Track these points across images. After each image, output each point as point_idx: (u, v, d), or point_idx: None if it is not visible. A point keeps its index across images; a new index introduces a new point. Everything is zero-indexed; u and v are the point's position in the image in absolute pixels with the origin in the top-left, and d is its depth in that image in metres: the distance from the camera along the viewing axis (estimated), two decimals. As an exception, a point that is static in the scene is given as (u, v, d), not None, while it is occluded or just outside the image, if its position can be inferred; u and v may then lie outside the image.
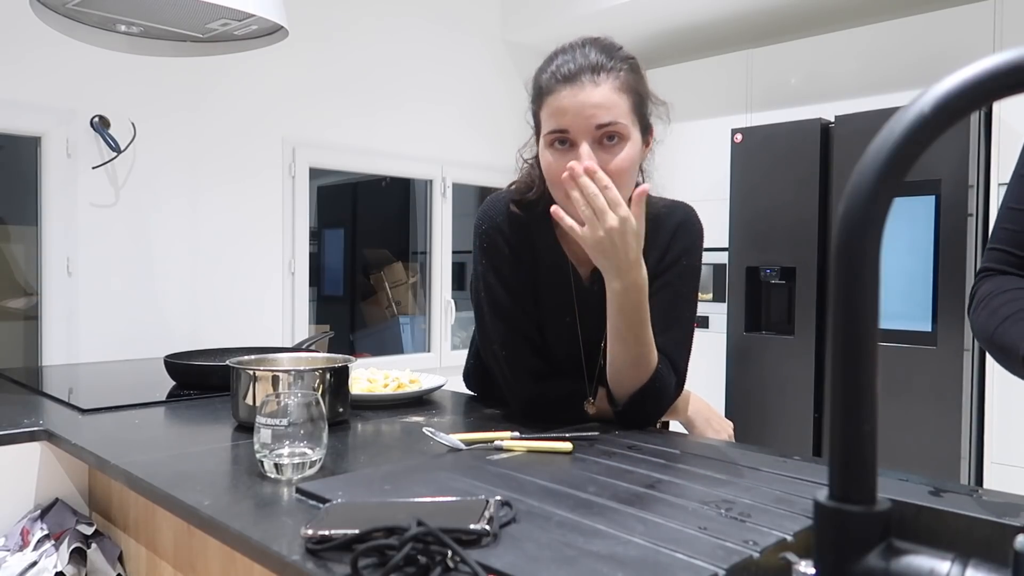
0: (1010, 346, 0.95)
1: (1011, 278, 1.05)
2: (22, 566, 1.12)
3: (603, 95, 1.10)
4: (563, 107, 1.11)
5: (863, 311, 0.38)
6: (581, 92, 1.10)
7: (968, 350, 2.65)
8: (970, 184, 2.64)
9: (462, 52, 3.67)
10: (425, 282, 3.75)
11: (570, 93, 1.11)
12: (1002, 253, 1.07)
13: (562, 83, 1.12)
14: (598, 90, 1.10)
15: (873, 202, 0.37)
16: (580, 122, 1.10)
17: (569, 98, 1.11)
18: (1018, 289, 1.02)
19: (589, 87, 1.10)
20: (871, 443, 0.39)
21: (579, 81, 1.11)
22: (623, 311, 1.13)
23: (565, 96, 1.11)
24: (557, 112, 1.12)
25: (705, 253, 1.32)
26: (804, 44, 3.31)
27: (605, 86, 1.11)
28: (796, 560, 0.58)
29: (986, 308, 1.03)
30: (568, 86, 1.11)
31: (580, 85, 1.10)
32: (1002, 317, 0.99)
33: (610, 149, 1.11)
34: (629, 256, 1.09)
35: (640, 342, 1.15)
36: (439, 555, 0.63)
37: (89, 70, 2.56)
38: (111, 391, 1.71)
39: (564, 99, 1.11)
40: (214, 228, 2.89)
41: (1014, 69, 0.36)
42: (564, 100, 1.11)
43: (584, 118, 1.10)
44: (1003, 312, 0.99)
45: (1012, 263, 1.06)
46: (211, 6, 1.55)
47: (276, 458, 0.91)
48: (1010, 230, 1.06)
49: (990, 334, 1.00)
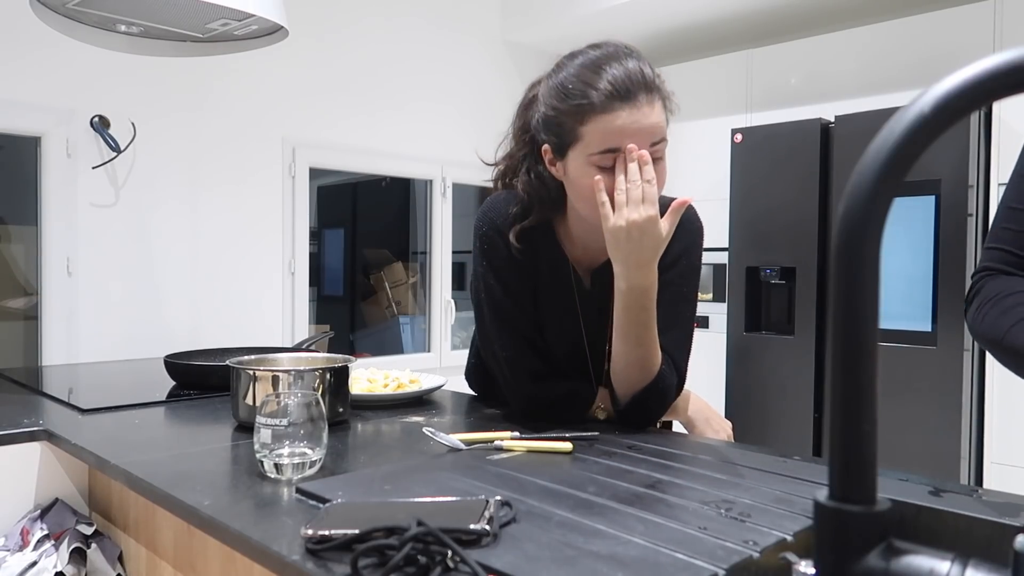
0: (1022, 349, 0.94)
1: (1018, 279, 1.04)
2: (22, 566, 1.12)
3: (659, 115, 1.10)
4: (622, 127, 1.07)
5: (863, 311, 0.38)
6: (638, 112, 1.08)
7: (968, 350, 2.65)
8: (970, 184, 2.64)
9: (462, 52, 3.67)
10: (425, 282, 3.75)
11: (629, 113, 1.07)
12: (1003, 253, 1.06)
13: (619, 100, 1.07)
14: (654, 111, 1.09)
15: (873, 202, 0.37)
16: (640, 140, 1.08)
17: (627, 118, 1.07)
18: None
19: (647, 108, 1.08)
20: (871, 443, 0.39)
21: (637, 100, 1.08)
22: (628, 310, 1.13)
23: (624, 116, 1.07)
24: (615, 132, 1.08)
25: (705, 253, 1.32)
26: (804, 44, 3.31)
27: (658, 103, 1.10)
28: (796, 560, 0.58)
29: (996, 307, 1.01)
30: (627, 105, 1.07)
31: (638, 105, 1.08)
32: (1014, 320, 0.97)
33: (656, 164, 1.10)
34: (642, 256, 1.09)
35: (643, 343, 1.15)
36: (439, 555, 0.63)
37: (89, 70, 2.56)
38: (111, 391, 1.71)
39: (623, 119, 1.07)
40: (214, 228, 2.89)
41: (1014, 69, 0.36)
42: (623, 120, 1.07)
43: (644, 137, 1.08)
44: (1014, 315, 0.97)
45: (1014, 263, 1.05)
46: (211, 6, 1.55)
47: (276, 458, 0.91)
48: (1012, 230, 1.05)
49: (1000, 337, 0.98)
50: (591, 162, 1.10)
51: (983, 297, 1.05)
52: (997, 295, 1.02)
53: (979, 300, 1.05)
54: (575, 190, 1.16)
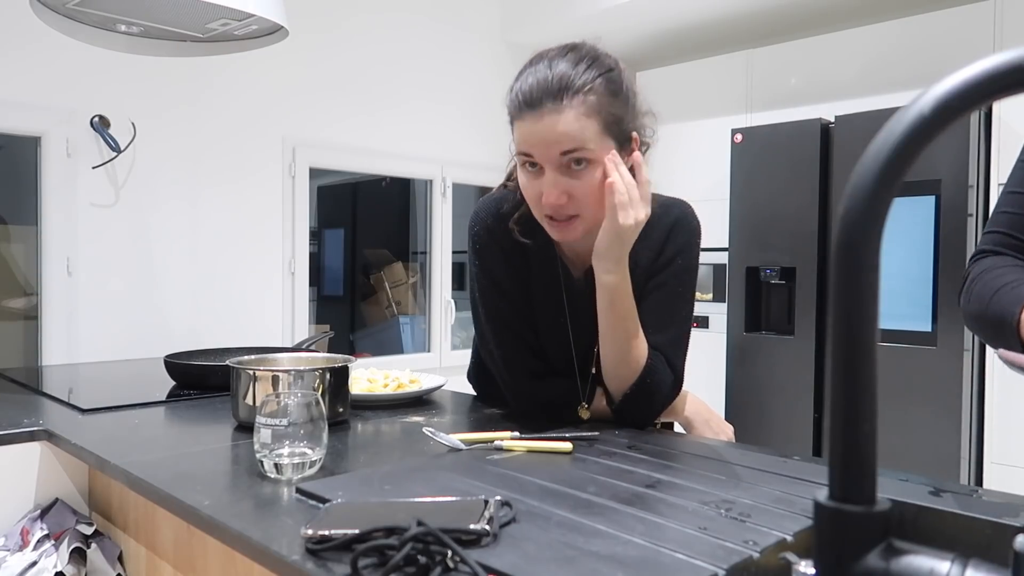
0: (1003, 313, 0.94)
1: (1006, 258, 1.04)
2: (22, 566, 1.12)
3: (567, 123, 1.05)
4: (525, 133, 1.08)
5: (863, 311, 0.38)
6: (541, 121, 1.06)
7: (968, 350, 2.65)
8: (970, 184, 2.64)
9: (462, 52, 3.67)
10: (425, 282, 3.75)
11: (532, 120, 1.07)
12: (1000, 235, 1.06)
13: (525, 108, 1.07)
14: (561, 117, 1.05)
15: (873, 202, 0.37)
16: (542, 150, 1.07)
17: (530, 125, 1.07)
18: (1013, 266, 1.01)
19: (551, 116, 1.05)
20: (871, 443, 0.39)
21: (541, 108, 1.06)
22: (613, 305, 1.14)
23: (528, 123, 1.07)
24: (521, 137, 1.09)
25: (705, 253, 1.32)
26: (804, 44, 3.31)
27: (569, 112, 1.05)
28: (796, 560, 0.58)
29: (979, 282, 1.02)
30: (530, 112, 1.07)
31: (540, 113, 1.06)
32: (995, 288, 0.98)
33: (577, 174, 1.08)
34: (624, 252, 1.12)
35: (630, 336, 1.16)
36: (439, 555, 0.63)
37: (89, 70, 2.56)
38: (111, 391, 1.71)
39: (527, 126, 1.07)
40: (214, 228, 2.89)
41: (1014, 69, 0.36)
42: (527, 127, 1.07)
43: (546, 146, 1.06)
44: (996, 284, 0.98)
45: (1009, 245, 1.05)
46: (211, 6, 1.55)
47: (276, 458, 0.91)
48: (1010, 213, 1.06)
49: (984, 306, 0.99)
50: (519, 162, 1.13)
51: (972, 277, 1.06)
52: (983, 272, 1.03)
53: (969, 279, 1.06)
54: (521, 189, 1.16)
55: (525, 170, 1.12)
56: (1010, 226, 1.05)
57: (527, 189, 1.13)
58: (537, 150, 1.08)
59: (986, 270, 1.03)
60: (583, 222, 1.12)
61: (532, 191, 1.12)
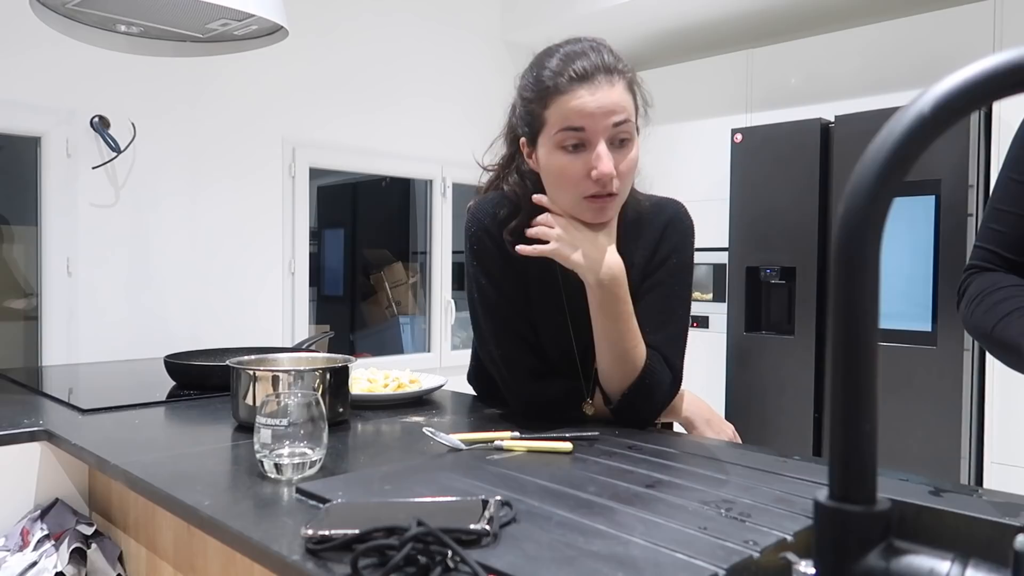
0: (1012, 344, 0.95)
1: (1003, 274, 1.05)
2: (22, 566, 1.12)
3: (619, 95, 1.11)
4: (580, 106, 1.10)
5: (863, 311, 0.38)
6: (599, 91, 1.10)
7: (968, 350, 2.65)
8: (970, 184, 2.64)
9: (462, 51, 3.67)
10: (425, 282, 3.75)
11: (588, 91, 1.10)
12: (988, 253, 1.08)
13: (578, 82, 1.10)
14: (614, 89, 1.11)
15: (873, 202, 0.37)
16: (597, 121, 1.10)
17: (587, 96, 1.10)
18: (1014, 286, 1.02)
19: (606, 87, 1.10)
20: (871, 443, 0.39)
21: (596, 80, 1.10)
22: (603, 307, 1.15)
23: (583, 95, 1.10)
24: (573, 111, 1.10)
25: (705, 253, 1.32)
26: (804, 44, 3.31)
27: (620, 85, 1.12)
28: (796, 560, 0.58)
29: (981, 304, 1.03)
30: (583, 85, 1.10)
31: (597, 84, 1.10)
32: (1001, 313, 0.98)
33: (620, 150, 1.12)
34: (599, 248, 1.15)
35: (625, 338, 1.16)
36: (439, 555, 0.63)
37: (89, 70, 2.56)
38: (111, 391, 1.71)
39: (582, 98, 1.10)
40: (214, 228, 2.89)
41: (1014, 69, 0.36)
42: (582, 99, 1.10)
43: (602, 115, 1.10)
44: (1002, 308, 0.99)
45: (998, 263, 1.06)
46: (211, 6, 1.55)
47: (276, 458, 0.91)
48: (996, 231, 1.07)
49: (989, 330, 1.00)
50: (556, 143, 1.13)
51: (971, 294, 1.07)
52: (983, 291, 1.04)
53: (967, 297, 1.08)
54: (546, 175, 1.18)
55: (565, 151, 1.13)
56: (999, 244, 1.07)
57: (567, 170, 1.13)
58: (590, 121, 1.10)
59: (985, 291, 1.03)
60: (618, 202, 1.16)
61: (575, 169, 1.12)
